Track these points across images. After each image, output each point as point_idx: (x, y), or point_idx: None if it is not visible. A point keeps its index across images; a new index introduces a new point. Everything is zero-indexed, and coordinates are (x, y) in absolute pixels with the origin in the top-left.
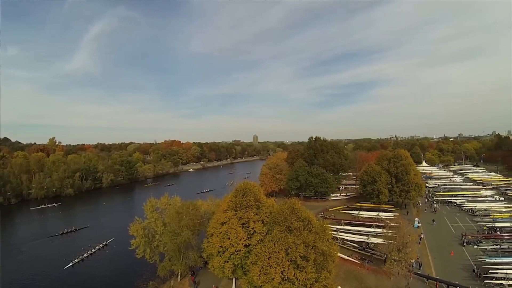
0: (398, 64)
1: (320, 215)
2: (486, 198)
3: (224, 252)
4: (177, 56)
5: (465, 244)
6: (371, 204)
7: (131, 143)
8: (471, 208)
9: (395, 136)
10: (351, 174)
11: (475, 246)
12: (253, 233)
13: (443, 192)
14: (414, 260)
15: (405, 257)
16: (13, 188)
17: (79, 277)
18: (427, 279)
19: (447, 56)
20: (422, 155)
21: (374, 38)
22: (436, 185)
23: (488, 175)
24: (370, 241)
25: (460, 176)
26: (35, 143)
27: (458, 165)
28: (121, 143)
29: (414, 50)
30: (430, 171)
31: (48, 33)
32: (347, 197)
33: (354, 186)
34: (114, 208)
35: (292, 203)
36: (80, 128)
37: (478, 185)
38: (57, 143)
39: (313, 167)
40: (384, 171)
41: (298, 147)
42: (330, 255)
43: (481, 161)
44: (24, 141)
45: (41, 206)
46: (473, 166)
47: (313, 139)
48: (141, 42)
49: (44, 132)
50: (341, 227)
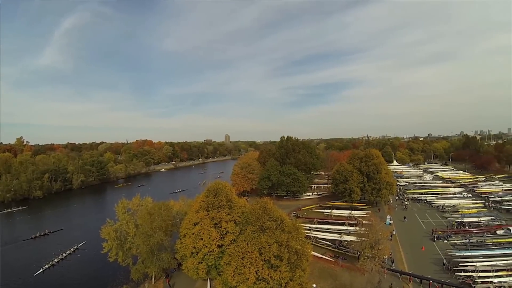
0: (370, 66)
1: (293, 214)
2: (455, 195)
3: (198, 253)
4: (150, 54)
5: (436, 239)
6: (344, 203)
7: (102, 143)
8: (441, 205)
9: (367, 136)
10: (323, 173)
11: (445, 241)
12: (226, 233)
13: (414, 190)
14: (387, 256)
15: (378, 254)
16: None
17: (50, 284)
18: (401, 274)
19: (418, 60)
20: (393, 155)
21: (347, 40)
22: (407, 183)
23: (456, 173)
24: (343, 239)
25: (430, 175)
26: (1, 143)
27: (428, 164)
28: (92, 143)
29: (386, 53)
30: (401, 170)
31: (17, 27)
32: (319, 196)
33: (326, 185)
34: (85, 210)
35: (264, 203)
36: (49, 127)
37: (447, 183)
38: (25, 143)
39: (285, 167)
40: (356, 170)
41: (270, 147)
42: (304, 254)
43: (450, 160)
44: None
45: (9, 210)
46: (442, 165)
47: (285, 139)
48: (114, 39)
49: (11, 131)
50: (314, 226)
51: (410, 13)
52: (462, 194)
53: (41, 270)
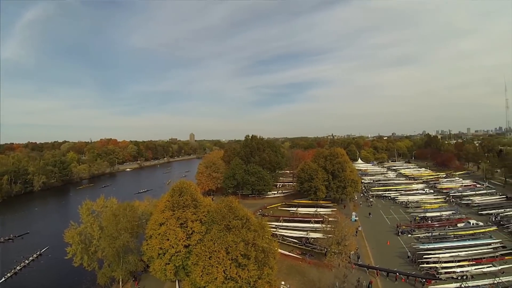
0: (337, 67)
1: (259, 213)
2: (417, 191)
3: (165, 254)
4: (117, 50)
5: (400, 234)
6: (309, 201)
7: (65, 142)
8: (404, 201)
9: (332, 135)
10: (288, 172)
11: (409, 235)
12: (192, 233)
13: (378, 187)
14: (353, 252)
15: (345, 249)
16: None
17: None
18: (368, 269)
19: (383, 62)
20: (358, 153)
21: (315, 41)
22: (372, 181)
23: (419, 171)
24: (310, 236)
25: (394, 172)
26: None
27: (392, 162)
28: (54, 142)
29: (353, 54)
30: (366, 168)
31: None
32: (285, 195)
33: (292, 184)
34: (48, 213)
35: (230, 202)
36: (8, 126)
37: (410, 180)
38: None
39: (250, 165)
40: (321, 169)
41: (235, 146)
42: (271, 252)
43: (413, 158)
44: None
45: None
46: (405, 163)
47: (250, 138)
48: (79, 33)
49: None
50: (280, 224)
51: (377, 16)
52: (425, 190)
53: (3, 279)
